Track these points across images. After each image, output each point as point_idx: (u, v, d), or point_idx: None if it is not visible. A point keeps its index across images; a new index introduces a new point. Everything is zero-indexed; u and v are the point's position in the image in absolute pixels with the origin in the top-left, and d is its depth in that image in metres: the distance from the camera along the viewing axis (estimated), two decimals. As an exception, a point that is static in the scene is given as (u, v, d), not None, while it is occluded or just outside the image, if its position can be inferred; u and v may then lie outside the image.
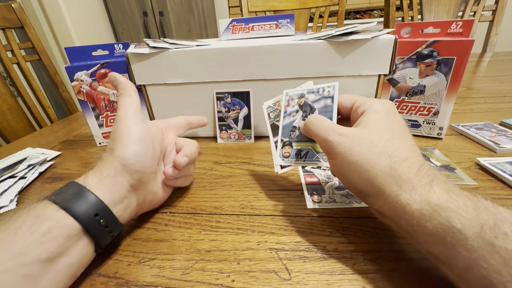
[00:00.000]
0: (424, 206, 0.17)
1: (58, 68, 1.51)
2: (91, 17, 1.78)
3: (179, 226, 0.28)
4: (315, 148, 0.27)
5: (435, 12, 0.99)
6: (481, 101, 0.55)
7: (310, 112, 0.28)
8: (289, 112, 0.29)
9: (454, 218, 0.16)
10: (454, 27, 0.37)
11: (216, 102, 0.43)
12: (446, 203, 0.17)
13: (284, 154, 0.28)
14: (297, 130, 0.28)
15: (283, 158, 0.28)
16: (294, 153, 0.28)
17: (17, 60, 0.75)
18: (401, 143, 0.21)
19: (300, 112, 0.28)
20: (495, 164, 0.32)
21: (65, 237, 0.19)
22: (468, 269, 0.15)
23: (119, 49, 0.43)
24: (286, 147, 0.28)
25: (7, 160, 0.44)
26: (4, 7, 0.72)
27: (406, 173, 0.19)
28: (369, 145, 0.21)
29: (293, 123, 0.28)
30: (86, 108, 0.44)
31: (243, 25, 0.47)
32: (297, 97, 0.29)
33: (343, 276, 0.21)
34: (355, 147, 0.21)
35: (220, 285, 0.21)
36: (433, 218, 0.17)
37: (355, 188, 0.22)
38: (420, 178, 0.19)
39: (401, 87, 0.41)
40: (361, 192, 0.22)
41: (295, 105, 0.29)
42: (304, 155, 0.27)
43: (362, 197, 0.22)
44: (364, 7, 2.13)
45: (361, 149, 0.21)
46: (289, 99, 0.30)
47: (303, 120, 0.28)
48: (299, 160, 0.27)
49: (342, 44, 0.37)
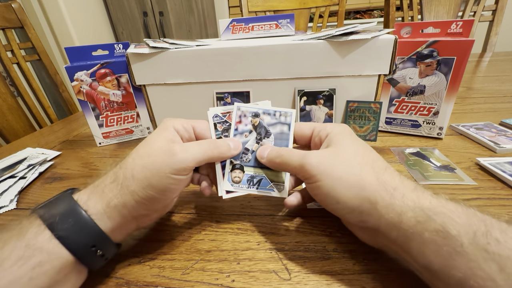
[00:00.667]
0: (418, 212, 0.17)
1: (58, 68, 1.51)
2: (91, 17, 1.78)
3: (179, 226, 0.28)
4: (269, 176, 0.25)
5: (435, 12, 0.99)
6: (481, 101, 0.55)
7: (265, 135, 0.26)
8: (241, 130, 0.26)
9: (449, 224, 0.16)
10: (454, 27, 0.37)
11: (216, 102, 0.43)
12: (438, 208, 0.17)
13: (234, 178, 0.25)
14: (250, 153, 0.26)
15: (232, 184, 0.25)
16: (246, 179, 0.25)
17: (17, 60, 0.75)
18: (374, 155, 0.22)
19: (254, 133, 0.26)
20: (495, 164, 0.32)
21: (57, 270, 0.18)
22: (465, 280, 0.15)
23: (119, 49, 0.43)
24: (236, 170, 0.25)
25: (7, 160, 0.44)
26: (4, 7, 0.72)
27: (393, 181, 0.19)
28: (348, 159, 0.21)
29: (245, 145, 0.26)
30: (86, 108, 0.44)
31: (243, 25, 0.47)
32: (251, 115, 0.26)
33: (343, 276, 0.21)
34: (336, 164, 0.20)
35: (220, 285, 0.21)
36: (429, 224, 0.16)
37: (344, 208, 0.20)
38: (405, 185, 0.19)
39: (401, 87, 0.41)
40: (351, 211, 0.20)
41: (248, 123, 0.26)
42: (257, 183, 0.25)
43: (353, 216, 0.20)
44: (364, 7, 2.13)
45: (342, 164, 0.20)
46: (242, 115, 0.26)
47: (257, 143, 0.26)
48: (251, 187, 0.25)
49: (342, 44, 0.37)
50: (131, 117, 0.47)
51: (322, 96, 0.41)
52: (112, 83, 0.44)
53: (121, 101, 0.45)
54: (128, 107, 0.46)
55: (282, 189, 0.25)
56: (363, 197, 0.19)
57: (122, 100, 0.45)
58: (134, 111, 0.47)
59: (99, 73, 0.43)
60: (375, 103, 0.40)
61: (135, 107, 0.47)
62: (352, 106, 0.41)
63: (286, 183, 0.25)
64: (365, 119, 0.41)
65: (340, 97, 0.41)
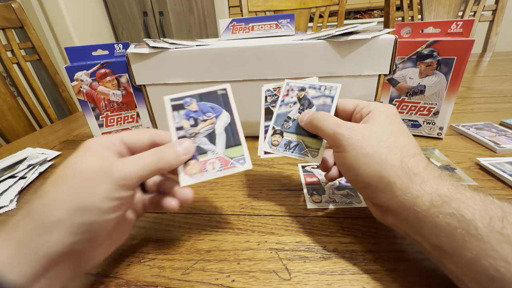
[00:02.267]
0: (435, 197, 0.17)
1: (58, 68, 1.51)
2: (91, 17, 1.78)
3: (179, 226, 0.28)
4: (306, 142, 0.27)
5: (435, 12, 0.99)
6: (481, 101, 0.55)
7: (307, 106, 0.28)
8: (287, 102, 0.29)
9: (464, 209, 0.16)
10: (454, 27, 0.37)
11: (173, 114, 0.26)
12: (456, 195, 0.17)
13: (273, 142, 0.27)
14: (291, 121, 0.28)
15: (270, 146, 0.27)
16: (283, 143, 0.27)
17: (17, 60, 0.75)
18: (409, 140, 0.22)
19: (297, 104, 0.28)
20: (495, 164, 0.32)
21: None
22: (476, 260, 0.15)
23: (119, 49, 0.43)
24: (276, 135, 0.28)
25: (7, 160, 0.44)
26: (4, 7, 0.72)
27: (416, 167, 0.19)
28: (379, 139, 0.21)
29: (288, 114, 0.28)
30: (86, 108, 0.44)
31: (243, 25, 0.47)
32: (298, 89, 0.29)
33: (343, 276, 0.21)
34: (366, 140, 0.21)
35: (220, 285, 0.21)
36: (443, 208, 0.17)
37: (362, 182, 0.21)
38: (429, 173, 0.19)
39: (401, 87, 0.41)
40: (367, 185, 0.21)
41: (294, 96, 0.29)
42: (293, 147, 0.27)
43: (367, 191, 0.22)
44: (364, 7, 2.13)
45: (371, 142, 0.21)
46: (289, 89, 0.29)
47: (299, 113, 0.28)
48: (287, 151, 0.27)
49: (342, 44, 0.37)
50: (131, 117, 0.47)
51: (322, 96, 0.41)
52: (112, 83, 0.44)
53: (121, 101, 0.45)
54: (128, 107, 0.46)
55: (316, 155, 0.26)
56: (382, 176, 0.20)
57: (122, 100, 0.45)
58: (134, 111, 0.47)
59: (99, 73, 0.43)
60: (375, 103, 0.40)
61: (135, 107, 0.47)
62: (352, 106, 0.41)
63: (321, 150, 0.26)
64: (365, 119, 0.41)
65: (340, 97, 0.41)
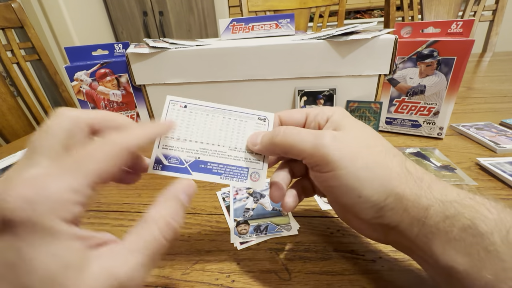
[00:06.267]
0: (447, 205, 0.15)
1: (58, 68, 1.51)
2: (91, 17, 1.78)
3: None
4: (274, 221, 0.27)
5: (435, 12, 0.99)
6: (481, 101, 0.55)
7: (260, 197, 0.31)
8: (239, 198, 0.31)
9: (479, 220, 0.14)
10: (455, 27, 0.37)
11: None
12: (466, 200, 0.15)
13: (241, 231, 0.27)
14: (251, 210, 0.29)
15: (239, 235, 0.26)
16: (253, 229, 0.27)
17: (17, 60, 0.75)
18: (387, 142, 0.19)
19: (250, 197, 0.31)
20: (495, 164, 0.32)
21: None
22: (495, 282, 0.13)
23: (119, 49, 0.43)
24: (241, 225, 0.27)
25: (7, 160, 0.44)
26: (4, 7, 0.72)
27: (416, 170, 0.17)
28: (368, 145, 0.18)
29: (245, 206, 0.30)
30: (86, 108, 0.44)
31: (243, 25, 0.47)
32: (246, 189, 0.33)
33: (343, 276, 0.21)
34: (360, 149, 0.17)
35: (220, 285, 0.21)
36: (457, 219, 0.15)
37: (367, 202, 0.17)
38: (429, 175, 0.17)
39: (401, 87, 0.41)
40: (373, 206, 0.17)
41: (245, 193, 0.32)
42: (264, 229, 0.26)
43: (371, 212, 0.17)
44: (364, 7, 2.12)
45: (366, 150, 0.17)
46: (238, 189, 0.33)
47: (255, 203, 0.30)
48: (260, 235, 0.26)
49: (342, 44, 0.37)
50: (131, 117, 0.47)
51: (322, 96, 0.41)
52: (112, 83, 0.44)
53: (121, 101, 0.45)
54: (128, 107, 0.46)
55: (290, 228, 0.26)
56: (390, 189, 0.16)
57: (122, 100, 0.45)
58: (134, 111, 0.47)
59: (99, 73, 0.43)
60: (375, 103, 0.40)
61: (135, 107, 0.47)
62: (352, 106, 0.41)
63: (291, 222, 0.27)
64: (366, 119, 0.41)
65: (340, 97, 0.41)
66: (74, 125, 0.14)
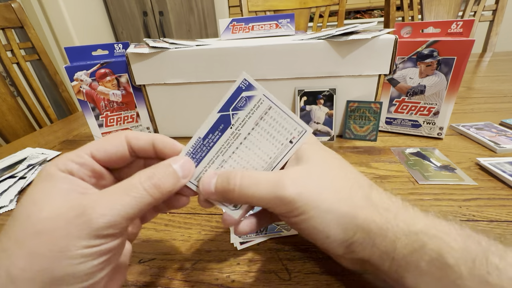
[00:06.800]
0: (413, 237, 0.15)
1: (58, 68, 1.51)
2: (91, 17, 1.78)
3: (179, 226, 0.28)
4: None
5: (436, 12, 0.99)
6: (481, 101, 0.55)
7: None
8: None
9: (445, 252, 0.14)
10: (455, 27, 0.37)
11: None
12: (432, 230, 0.15)
13: None
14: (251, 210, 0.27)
15: (239, 236, 0.26)
16: None
17: (17, 60, 0.75)
18: (355, 170, 0.18)
19: None
20: (495, 164, 0.32)
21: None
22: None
23: (119, 49, 0.43)
24: None
25: (7, 160, 0.44)
26: (4, 7, 0.72)
27: (381, 200, 0.17)
28: (334, 182, 0.17)
29: None
30: (86, 108, 0.44)
31: (243, 25, 0.47)
32: None
33: (343, 276, 0.21)
34: (323, 190, 0.17)
35: (220, 285, 0.21)
36: (424, 252, 0.15)
37: (335, 241, 0.17)
38: (395, 202, 0.17)
39: (401, 87, 0.41)
40: (341, 243, 0.17)
41: None
42: (264, 229, 0.26)
43: (341, 249, 0.17)
44: (364, 7, 2.13)
45: (330, 190, 0.17)
46: None
47: None
48: (260, 234, 0.26)
49: (342, 44, 0.37)
50: (131, 117, 0.47)
51: (322, 96, 0.41)
52: (112, 83, 0.44)
53: (121, 101, 0.45)
54: (128, 107, 0.46)
55: (290, 228, 0.26)
56: (356, 226, 0.16)
57: (122, 100, 0.45)
58: (134, 111, 0.47)
59: (99, 73, 0.43)
60: (375, 103, 0.40)
61: (135, 107, 0.47)
62: (352, 106, 0.41)
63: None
64: (365, 119, 0.41)
65: (340, 97, 0.41)
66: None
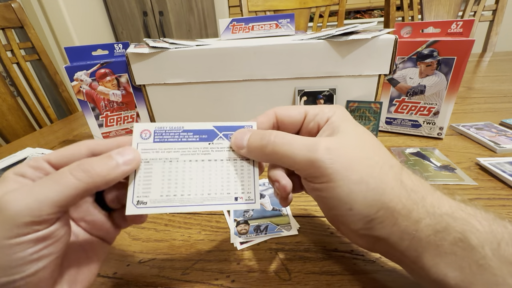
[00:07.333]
0: (438, 218, 0.15)
1: (58, 68, 1.51)
2: (91, 17, 1.78)
3: (179, 226, 0.28)
4: (274, 222, 0.27)
5: (435, 12, 0.99)
6: (481, 101, 0.55)
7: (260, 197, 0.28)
8: None
9: (469, 233, 0.14)
10: (454, 27, 0.37)
11: None
12: (458, 212, 0.15)
13: (241, 231, 0.26)
14: (251, 210, 0.29)
15: (239, 235, 0.26)
16: (253, 229, 0.27)
17: (17, 60, 0.75)
18: (383, 148, 0.18)
19: None
20: (495, 164, 0.32)
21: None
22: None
23: (119, 49, 0.43)
24: (241, 225, 0.27)
25: (7, 160, 0.44)
26: (4, 7, 0.72)
27: (410, 182, 0.17)
28: (366, 156, 0.17)
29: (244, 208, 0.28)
30: (86, 108, 0.44)
31: (243, 24, 0.47)
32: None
33: (343, 276, 0.21)
34: (355, 162, 0.16)
35: (220, 285, 0.21)
36: (448, 233, 0.14)
37: (357, 215, 0.16)
38: (424, 186, 0.17)
39: (401, 87, 0.41)
40: (362, 218, 0.16)
41: None
42: (264, 229, 0.26)
43: (360, 224, 0.17)
44: (364, 7, 2.13)
45: (362, 162, 0.16)
46: None
47: None
48: (260, 235, 0.26)
49: (342, 44, 0.37)
50: (131, 117, 0.47)
51: (322, 96, 0.41)
52: (112, 83, 0.44)
53: (121, 101, 0.45)
54: (128, 107, 0.46)
55: (290, 228, 0.26)
56: (382, 203, 0.16)
57: (122, 100, 0.45)
58: (134, 111, 0.47)
59: (99, 73, 0.43)
60: (375, 103, 0.40)
61: (135, 107, 0.47)
62: (352, 106, 0.41)
63: (291, 222, 0.27)
64: (366, 119, 0.41)
65: (340, 97, 0.41)
66: None
